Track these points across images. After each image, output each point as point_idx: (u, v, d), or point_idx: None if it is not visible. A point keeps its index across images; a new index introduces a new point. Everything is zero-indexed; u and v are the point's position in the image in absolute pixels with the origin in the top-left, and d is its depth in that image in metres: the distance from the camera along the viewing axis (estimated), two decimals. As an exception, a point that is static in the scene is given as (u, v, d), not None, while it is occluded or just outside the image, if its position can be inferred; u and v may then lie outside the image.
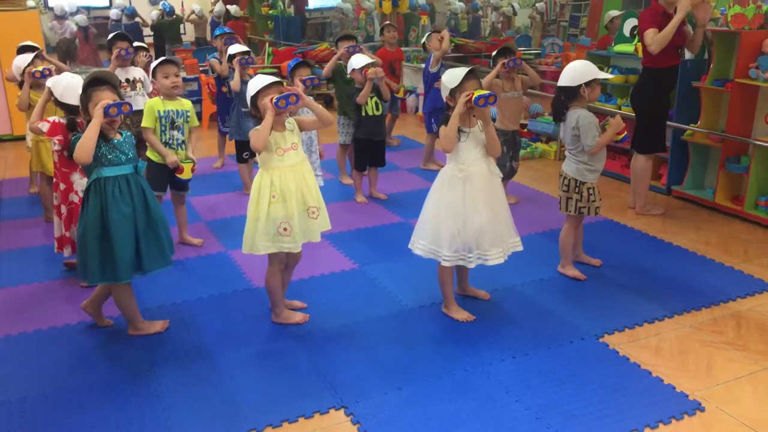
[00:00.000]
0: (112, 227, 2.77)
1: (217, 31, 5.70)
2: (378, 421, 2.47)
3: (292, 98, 2.82)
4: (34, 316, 3.28)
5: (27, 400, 2.61)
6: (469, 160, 3.00)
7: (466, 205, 2.99)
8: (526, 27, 12.02)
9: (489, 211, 3.03)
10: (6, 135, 7.20)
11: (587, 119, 3.45)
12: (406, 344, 3.02)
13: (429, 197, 3.15)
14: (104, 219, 2.77)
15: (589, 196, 3.55)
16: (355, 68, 4.71)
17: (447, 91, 3.01)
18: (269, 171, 2.93)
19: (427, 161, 6.00)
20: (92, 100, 2.73)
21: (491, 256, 3.05)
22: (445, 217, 3.02)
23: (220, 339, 3.07)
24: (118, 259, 2.80)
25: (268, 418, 2.49)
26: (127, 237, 2.81)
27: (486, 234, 3.02)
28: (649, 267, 3.80)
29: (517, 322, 3.21)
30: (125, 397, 2.63)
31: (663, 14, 4.28)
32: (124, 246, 2.80)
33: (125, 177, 2.82)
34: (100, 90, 2.74)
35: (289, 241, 2.95)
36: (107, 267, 2.81)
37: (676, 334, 3.07)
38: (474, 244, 3.03)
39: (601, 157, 3.53)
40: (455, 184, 3.02)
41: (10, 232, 4.50)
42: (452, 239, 3.01)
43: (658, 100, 4.49)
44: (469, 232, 3.01)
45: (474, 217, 3.00)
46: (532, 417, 2.48)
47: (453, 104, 2.97)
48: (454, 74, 2.98)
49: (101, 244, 2.78)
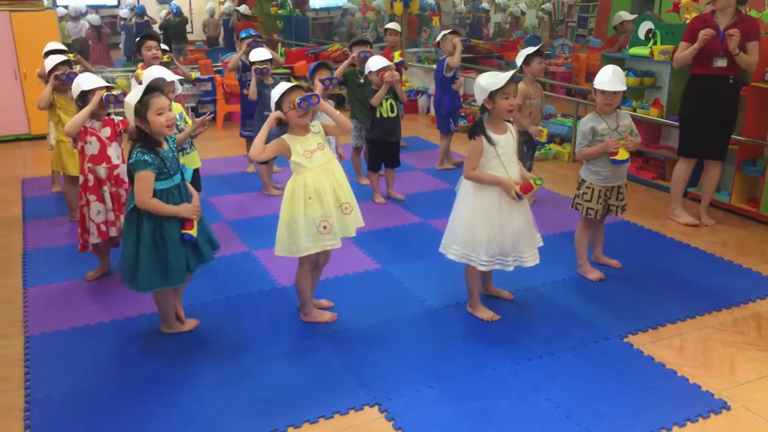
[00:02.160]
0: (168, 235, 2.83)
1: (242, 33, 5.68)
2: (412, 418, 2.54)
3: (313, 98, 2.90)
4: (68, 314, 3.35)
5: (69, 396, 2.68)
6: (503, 165, 3.04)
7: (501, 210, 3.04)
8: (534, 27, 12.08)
9: (524, 214, 3.09)
10: (24, 134, 7.28)
11: (582, 125, 3.54)
12: (434, 343, 3.09)
13: (460, 201, 3.17)
14: (158, 229, 2.83)
15: (583, 195, 3.60)
16: (372, 70, 4.77)
17: (486, 93, 2.98)
18: (301, 174, 3.00)
19: (441, 162, 6.06)
20: (150, 108, 2.77)
21: (527, 258, 3.12)
22: (481, 223, 3.05)
23: (250, 337, 3.13)
24: (172, 266, 2.86)
25: (304, 414, 2.56)
26: (179, 242, 2.87)
27: (522, 237, 3.09)
28: (667, 268, 3.86)
29: (541, 322, 3.27)
30: (163, 393, 2.70)
31: (704, 21, 4.28)
32: (179, 254, 2.87)
33: (176, 187, 2.89)
34: (156, 97, 2.79)
35: (330, 238, 3.02)
36: (160, 274, 2.86)
37: (699, 335, 3.13)
38: (510, 248, 3.09)
39: (604, 163, 3.51)
40: (490, 191, 3.05)
41: (36, 231, 4.57)
42: (489, 244, 3.05)
43: (692, 106, 4.45)
44: (507, 236, 3.06)
45: (511, 221, 3.05)
46: (562, 415, 2.54)
47: (490, 107, 3.01)
48: (495, 77, 2.98)
49: (155, 254, 2.84)
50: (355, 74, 5.25)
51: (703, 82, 4.40)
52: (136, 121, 2.82)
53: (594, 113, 3.55)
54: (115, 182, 3.56)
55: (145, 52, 4.64)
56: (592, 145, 3.51)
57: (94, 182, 3.52)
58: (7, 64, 6.98)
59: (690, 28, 4.39)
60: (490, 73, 3.08)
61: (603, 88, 3.44)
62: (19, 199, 5.28)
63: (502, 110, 3.01)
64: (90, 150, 3.51)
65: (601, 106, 3.50)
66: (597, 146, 3.47)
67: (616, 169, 3.54)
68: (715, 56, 4.27)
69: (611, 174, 3.55)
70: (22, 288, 3.69)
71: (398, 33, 5.92)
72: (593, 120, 3.52)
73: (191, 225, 2.89)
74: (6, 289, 3.68)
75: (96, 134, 3.51)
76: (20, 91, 7.10)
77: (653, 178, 5.47)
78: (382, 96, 4.76)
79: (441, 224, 4.51)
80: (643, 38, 5.58)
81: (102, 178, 3.52)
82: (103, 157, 3.52)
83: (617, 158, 3.44)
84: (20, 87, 7.08)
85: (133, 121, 2.82)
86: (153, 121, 2.78)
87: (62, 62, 4.43)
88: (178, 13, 12.68)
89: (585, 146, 3.52)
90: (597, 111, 3.55)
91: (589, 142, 3.51)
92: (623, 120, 3.58)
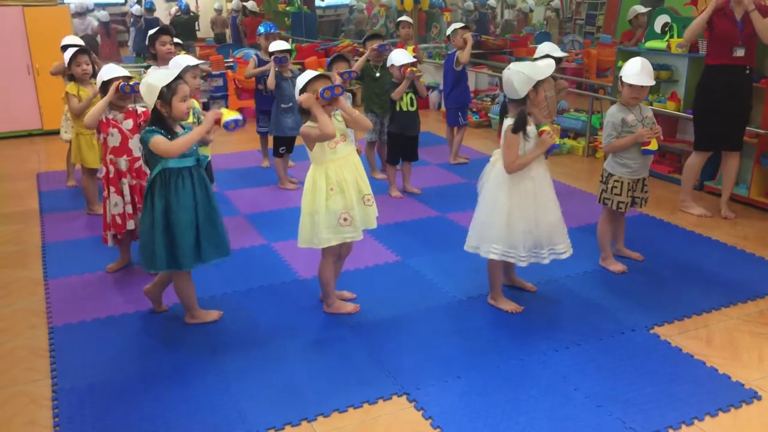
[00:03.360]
0: (174, 217, 2.83)
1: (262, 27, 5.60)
2: (442, 407, 2.53)
3: (337, 89, 2.88)
4: (91, 306, 3.35)
5: (95, 386, 2.68)
6: (536, 160, 3.03)
7: (537, 204, 3.03)
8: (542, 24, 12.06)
9: (556, 207, 3.08)
10: (36, 129, 7.28)
11: (611, 116, 3.50)
12: (458, 334, 3.07)
13: (490, 198, 3.11)
14: (168, 208, 2.83)
15: (612, 189, 3.58)
16: (395, 64, 4.75)
17: (532, 83, 2.92)
18: (323, 165, 2.98)
19: (456, 156, 6.05)
20: (177, 94, 2.77)
21: (562, 249, 3.12)
22: (517, 217, 3.03)
23: (274, 328, 3.13)
24: (180, 247, 2.86)
25: (333, 403, 2.55)
26: (188, 227, 2.87)
27: (556, 229, 3.08)
28: (690, 261, 3.84)
29: (566, 313, 3.26)
30: (191, 382, 2.69)
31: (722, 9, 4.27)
32: (186, 235, 2.87)
33: (188, 169, 2.87)
34: (184, 84, 2.80)
35: (350, 230, 3.01)
36: (171, 255, 2.87)
37: (725, 326, 3.12)
38: (546, 241, 3.07)
39: (633, 155, 3.50)
40: (525, 183, 3.03)
41: (54, 224, 4.57)
42: (525, 238, 3.04)
43: (708, 98, 4.44)
44: (542, 229, 3.04)
45: (546, 215, 3.04)
46: (593, 405, 2.53)
47: (533, 97, 2.96)
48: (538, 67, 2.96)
49: (166, 233, 2.85)
50: (371, 68, 5.25)
51: (721, 72, 4.38)
52: (157, 104, 2.79)
53: (619, 105, 3.52)
54: (137, 174, 3.55)
55: (160, 47, 4.54)
56: (621, 137, 3.48)
57: (114, 174, 3.52)
58: (20, 59, 6.99)
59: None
60: (528, 63, 3.06)
61: (632, 81, 3.39)
62: (35, 193, 5.28)
63: (542, 99, 3.01)
64: (112, 142, 3.50)
65: (628, 99, 3.46)
66: (628, 137, 3.44)
67: (644, 161, 3.53)
68: (734, 45, 4.26)
69: (640, 166, 3.54)
70: (43, 280, 3.69)
71: (411, 25, 5.91)
72: (621, 111, 3.49)
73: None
74: (27, 281, 3.68)
75: (118, 126, 3.51)
76: (33, 86, 7.11)
77: (670, 172, 5.45)
78: (402, 91, 4.76)
79: (458, 218, 4.55)
80: (659, 32, 5.55)
81: (122, 170, 3.52)
82: (125, 149, 3.52)
83: (649, 148, 3.44)
84: (33, 82, 7.09)
85: (152, 103, 2.79)
86: (176, 107, 2.78)
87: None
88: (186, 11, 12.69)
89: (614, 137, 3.49)
90: (622, 103, 3.52)
91: (618, 133, 3.48)
92: (646, 111, 3.56)
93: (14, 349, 2.99)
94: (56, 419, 2.48)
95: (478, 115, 7.62)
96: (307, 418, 2.47)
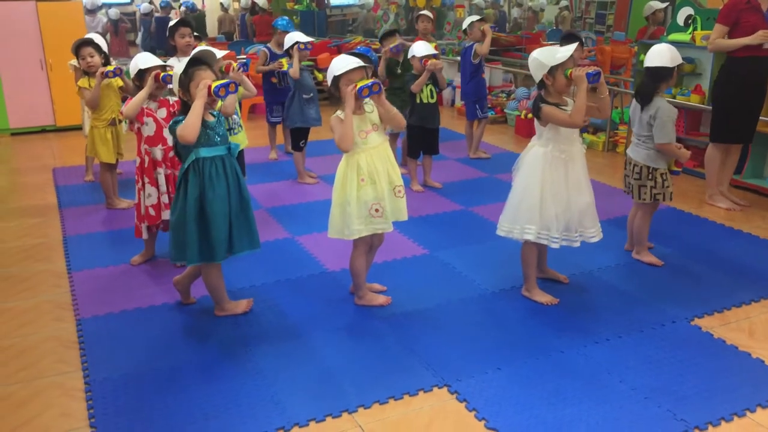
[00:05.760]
0: (209, 207, 2.77)
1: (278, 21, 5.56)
2: (485, 399, 2.46)
3: (375, 87, 2.81)
4: (118, 298, 3.29)
5: (129, 378, 2.62)
6: (569, 140, 2.99)
7: (569, 186, 2.98)
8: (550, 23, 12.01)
9: (589, 190, 3.02)
10: (50, 125, 7.23)
11: (669, 113, 3.42)
12: (494, 326, 3.01)
13: (524, 181, 3.06)
14: (202, 199, 2.77)
15: (663, 182, 3.52)
16: (416, 56, 4.70)
17: (545, 69, 2.94)
18: (354, 155, 2.92)
19: (475, 150, 5.99)
20: (194, 80, 2.72)
21: (592, 233, 3.07)
22: (550, 200, 2.99)
23: (306, 320, 3.06)
24: (214, 238, 2.80)
25: (373, 395, 2.49)
26: (222, 217, 2.81)
27: (587, 213, 3.02)
28: (723, 254, 3.78)
29: (602, 305, 3.19)
30: (226, 374, 2.63)
31: (747, 2, 4.22)
32: (220, 226, 2.81)
33: (221, 158, 2.82)
34: (201, 70, 2.74)
35: (381, 221, 2.95)
36: (204, 246, 2.81)
37: (767, 318, 3.05)
38: (576, 224, 3.02)
39: None
40: (558, 166, 2.99)
41: (74, 217, 4.51)
42: (557, 220, 2.99)
43: (730, 90, 4.40)
44: (573, 212, 3.00)
45: (578, 197, 2.99)
46: (641, 397, 2.46)
47: (550, 83, 2.94)
48: (554, 52, 2.93)
49: (199, 224, 2.79)
50: (393, 64, 5.22)
51: (747, 65, 4.34)
52: (179, 92, 2.77)
53: (659, 96, 3.47)
54: (171, 164, 3.50)
55: (179, 39, 4.48)
56: None
57: (149, 164, 3.47)
58: (33, 55, 6.95)
59: (729, 9, 4.29)
60: (545, 49, 3.02)
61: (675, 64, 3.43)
62: (52, 188, 5.23)
63: (562, 85, 2.95)
64: (147, 131, 3.46)
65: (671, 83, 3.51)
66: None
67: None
68: None
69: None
70: (67, 272, 3.63)
71: (431, 19, 5.85)
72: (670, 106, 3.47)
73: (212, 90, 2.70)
74: (50, 274, 3.63)
75: (152, 115, 3.46)
76: (46, 82, 7.06)
77: (694, 166, 5.38)
78: (423, 83, 4.71)
79: (483, 211, 4.49)
80: (682, 24, 5.49)
81: (158, 159, 3.47)
82: (159, 138, 3.47)
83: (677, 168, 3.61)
84: (46, 77, 7.04)
85: (177, 92, 2.78)
86: (194, 94, 2.70)
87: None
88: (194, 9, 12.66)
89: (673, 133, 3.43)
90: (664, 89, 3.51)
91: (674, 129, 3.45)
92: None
93: (42, 341, 2.93)
94: (91, 411, 2.42)
95: (493, 111, 7.55)
96: (348, 410, 2.41)
